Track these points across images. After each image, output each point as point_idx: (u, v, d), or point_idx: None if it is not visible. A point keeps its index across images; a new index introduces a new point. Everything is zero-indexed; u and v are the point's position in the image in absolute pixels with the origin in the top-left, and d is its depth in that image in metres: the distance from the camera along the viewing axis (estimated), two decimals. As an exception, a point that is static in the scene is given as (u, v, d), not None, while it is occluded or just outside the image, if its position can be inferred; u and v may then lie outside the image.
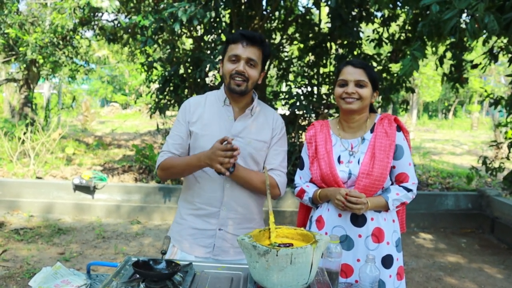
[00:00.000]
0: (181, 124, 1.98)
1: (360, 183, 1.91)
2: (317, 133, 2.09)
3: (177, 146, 1.97)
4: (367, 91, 1.96)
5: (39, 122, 9.71)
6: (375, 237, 1.93)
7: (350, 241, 1.93)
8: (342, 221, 1.95)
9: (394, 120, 2.01)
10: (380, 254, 1.92)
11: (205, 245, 1.93)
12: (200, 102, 2.00)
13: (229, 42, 1.94)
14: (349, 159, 1.97)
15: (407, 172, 1.97)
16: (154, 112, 6.80)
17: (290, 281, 1.38)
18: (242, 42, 1.89)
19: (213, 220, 1.93)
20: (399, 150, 1.97)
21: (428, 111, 35.33)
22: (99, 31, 9.52)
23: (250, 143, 1.93)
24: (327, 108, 6.57)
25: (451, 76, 5.82)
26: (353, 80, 1.95)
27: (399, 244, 2.01)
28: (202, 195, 1.94)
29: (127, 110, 28.51)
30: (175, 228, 2.03)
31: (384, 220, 1.96)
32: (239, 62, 1.89)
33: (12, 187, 5.95)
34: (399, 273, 1.98)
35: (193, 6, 4.53)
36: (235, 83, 1.89)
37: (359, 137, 2.01)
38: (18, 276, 3.87)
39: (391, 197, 1.92)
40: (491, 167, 5.90)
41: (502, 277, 4.35)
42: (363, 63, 1.99)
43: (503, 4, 3.36)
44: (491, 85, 23.24)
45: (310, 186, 2.07)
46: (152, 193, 5.97)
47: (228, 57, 1.91)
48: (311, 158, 2.07)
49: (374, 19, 6.33)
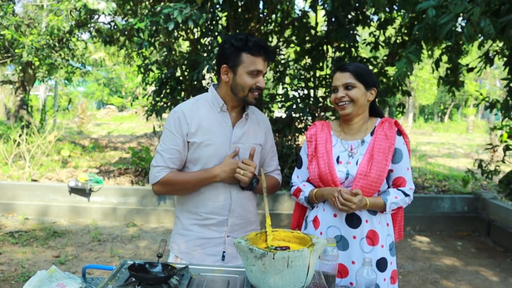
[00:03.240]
0: (176, 137, 1.88)
1: (357, 183, 1.91)
2: (318, 132, 2.09)
3: (175, 160, 1.89)
4: (357, 91, 1.95)
5: (34, 125, 9.66)
6: (370, 240, 1.93)
7: (345, 241, 1.93)
8: (337, 221, 1.95)
9: (395, 124, 2.01)
10: (375, 257, 1.92)
11: (214, 254, 1.92)
12: (194, 110, 1.91)
13: (243, 50, 1.82)
14: (347, 160, 1.97)
15: (404, 176, 1.98)
16: (150, 114, 6.79)
17: (287, 284, 1.37)
18: (263, 57, 1.84)
19: (221, 228, 1.92)
20: (398, 154, 1.97)
21: (424, 114, 35.49)
22: (96, 33, 9.51)
23: (250, 148, 1.94)
24: (323, 111, 6.58)
25: (447, 79, 5.84)
26: (341, 84, 1.96)
27: (392, 247, 2.00)
28: (207, 205, 1.90)
29: (124, 113, 28.45)
30: (178, 240, 1.97)
31: (379, 223, 1.96)
32: (259, 77, 1.85)
33: (7, 189, 5.91)
34: (393, 277, 1.98)
35: (188, 7, 4.53)
36: (253, 96, 1.87)
37: (359, 139, 2.01)
38: (12, 280, 3.84)
39: (390, 199, 1.92)
40: (486, 170, 5.93)
41: (498, 280, 4.36)
42: (350, 65, 1.99)
43: (499, 8, 3.39)
44: (486, 88, 23.37)
45: (306, 186, 2.08)
46: (148, 195, 5.95)
47: (247, 70, 1.82)
48: (310, 156, 2.07)
49: (371, 22, 6.36)
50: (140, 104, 16.04)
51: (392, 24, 6.42)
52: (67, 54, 10.42)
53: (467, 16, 3.06)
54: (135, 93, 20.71)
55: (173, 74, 6.29)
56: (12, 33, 8.72)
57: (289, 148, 6.43)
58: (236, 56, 1.83)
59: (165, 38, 5.77)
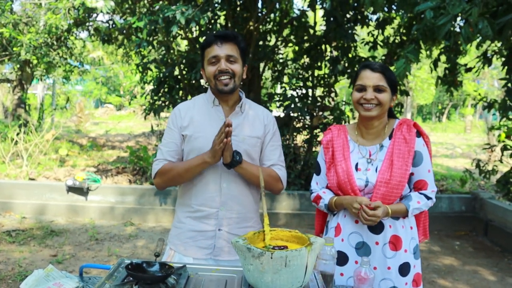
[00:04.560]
0: (173, 131, 1.97)
1: (378, 191, 1.85)
2: (334, 138, 2.01)
3: (173, 153, 1.96)
4: (386, 96, 1.87)
5: (32, 123, 9.64)
6: (393, 245, 1.88)
7: (367, 248, 1.89)
8: (359, 227, 1.91)
9: (414, 126, 1.92)
10: (397, 263, 1.87)
11: (205, 247, 1.93)
12: (189, 106, 2.01)
13: (204, 48, 1.95)
14: (366, 167, 1.91)
15: (426, 179, 1.91)
16: (148, 113, 6.79)
17: (284, 284, 1.37)
18: (216, 43, 1.90)
19: (212, 221, 1.93)
20: (418, 157, 1.90)
21: (422, 114, 35.52)
22: (94, 32, 9.49)
23: (244, 140, 1.94)
24: (321, 110, 6.58)
25: (445, 79, 5.85)
26: (372, 85, 1.86)
27: (417, 251, 1.95)
28: (199, 196, 1.93)
29: (122, 112, 28.39)
30: (173, 232, 2.03)
31: (402, 228, 1.90)
32: (219, 62, 1.89)
33: (5, 188, 5.90)
34: (415, 280, 1.92)
35: (190, 8, 4.53)
36: (221, 83, 1.90)
37: (378, 144, 1.94)
38: (9, 279, 3.83)
39: (412, 205, 1.87)
40: (484, 170, 5.94)
41: (496, 279, 4.37)
42: (382, 66, 1.89)
43: (497, 9, 3.39)
44: (484, 88, 23.39)
45: (326, 193, 2.02)
46: (146, 194, 5.94)
47: (207, 61, 1.92)
48: (328, 164, 2.01)
49: (369, 22, 6.36)
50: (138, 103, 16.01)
51: (391, 23, 6.42)
52: (65, 52, 10.38)
53: (465, 17, 3.06)
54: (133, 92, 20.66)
55: (171, 73, 6.29)
56: (10, 31, 8.68)
57: (287, 147, 6.43)
58: (202, 56, 1.97)
59: (164, 37, 5.77)
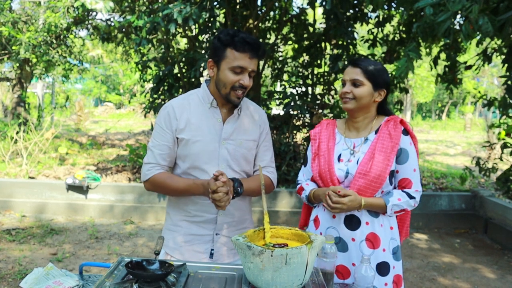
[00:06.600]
0: (166, 132, 1.85)
1: (356, 183, 1.85)
2: (322, 130, 2.05)
3: (165, 156, 1.86)
4: (363, 90, 1.89)
5: (32, 122, 9.64)
6: (370, 243, 1.87)
7: (344, 243, 1.88)
8: (335, 222, 1.90)
9: (400, 123, 1.93)
10: (375, 261, 1.86)
11: (202, 251, 1.89)
12: (184, 105, 1.87)
13: (227, 45, 1.76)
14: (349, 158, 1.92)
15: (410, 178, 1.90)
16: (148, 111, 6.77)
17: (285, 282, 1.37)
18: (248, 53, 1.75)
19: (210, 225, 1.89)
20: (404, 154, 1.89)
21: (422, 112, 35.50)
22: (93, 30, 9.48)
23: (241, 144, 1.89)
24: (321, 108, 6.58)
25: (445, 77, 5.84)
26: (349, 80, 1.91)
27: (397, 252, 1.93)
28: (197, 202, 1.88)
29: (121, 110, 28.38)
30: (167, 235, 1.94)
31: (381, 226, 1.89)
32: (243, 74, 1.77)
33: (4, 187, 5.89)
34: (395, 282, 1.91)
35: (188, 6, 4.51)
36: (236, 95, 1.79)
37: (363, 137, 1.95)
38: (9, 277, 3.83)
39: (392, 201, 1.85)
40: (484, 168, 5.93)
41: (496, 277, 4.37)
42: (363, 61, 1.92)
43: (497, 6, 3.38)
44: (484, 86, 23.38)
45: (309, 185, 2.04)
46: (146, 193, 5.93)
47: (231, 67, 1.76)
48: (314, 154, 2.02)
49: (369, 19, 6.35)
50: (137, 101, 16.03)
51: (391, 21, 6.42)
52: (64, 51, 10.37)
53: (465, 14, 3.05)
54: (133, 91, 20.66)
55: (171, 71, 6.28)
56: (9, 30, 8.67)
57: (286, 145, 6.42)
58: (221, 51, 1.78)
59: (163, 35, 5.76)
